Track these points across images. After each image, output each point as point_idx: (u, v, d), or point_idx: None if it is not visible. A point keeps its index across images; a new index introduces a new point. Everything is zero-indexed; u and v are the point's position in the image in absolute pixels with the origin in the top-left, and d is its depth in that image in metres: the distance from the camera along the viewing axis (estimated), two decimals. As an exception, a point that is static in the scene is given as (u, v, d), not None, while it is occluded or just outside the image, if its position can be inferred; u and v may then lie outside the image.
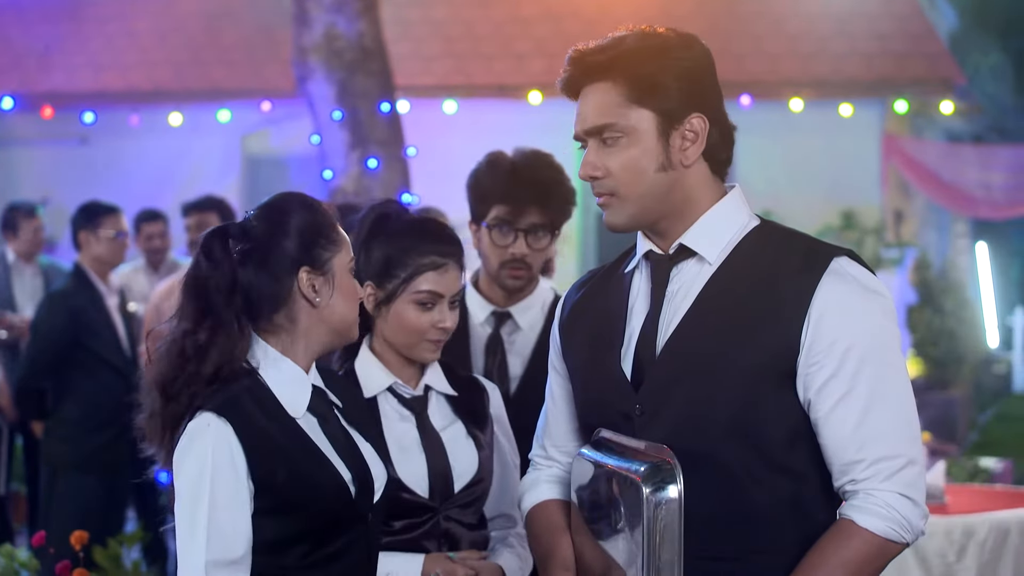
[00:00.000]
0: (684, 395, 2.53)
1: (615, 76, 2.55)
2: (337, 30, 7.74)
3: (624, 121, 2.54)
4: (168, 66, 13.18)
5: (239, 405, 2.69)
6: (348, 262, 2.82)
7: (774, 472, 2.51)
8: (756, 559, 2.51)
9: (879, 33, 12.62)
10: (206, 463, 2.64)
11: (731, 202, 2.63)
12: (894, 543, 2.45)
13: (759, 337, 2.48)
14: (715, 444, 2.50)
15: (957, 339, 13.54)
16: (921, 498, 2.46)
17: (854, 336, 2.45)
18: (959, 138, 15.80)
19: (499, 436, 3.39)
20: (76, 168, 13.07)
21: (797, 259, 2.53)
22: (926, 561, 5.19)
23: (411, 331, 3.21)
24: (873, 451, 2.45)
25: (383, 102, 7.82)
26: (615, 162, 2.56)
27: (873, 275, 2.55)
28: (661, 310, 2.60)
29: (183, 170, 12.75)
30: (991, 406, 15.44)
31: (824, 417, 2.47)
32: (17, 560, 4.92)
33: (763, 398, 2.49)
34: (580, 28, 12.17)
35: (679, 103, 2.53)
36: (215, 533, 2.62)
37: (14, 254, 8.17)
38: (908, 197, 13.81)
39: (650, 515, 2.42)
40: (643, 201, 2.57)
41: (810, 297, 2.47)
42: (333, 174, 7.75)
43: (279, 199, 2.83)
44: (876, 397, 2.45)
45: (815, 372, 2.46)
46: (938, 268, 14.44)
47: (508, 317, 3.90)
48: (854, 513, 2.46)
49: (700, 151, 2.56)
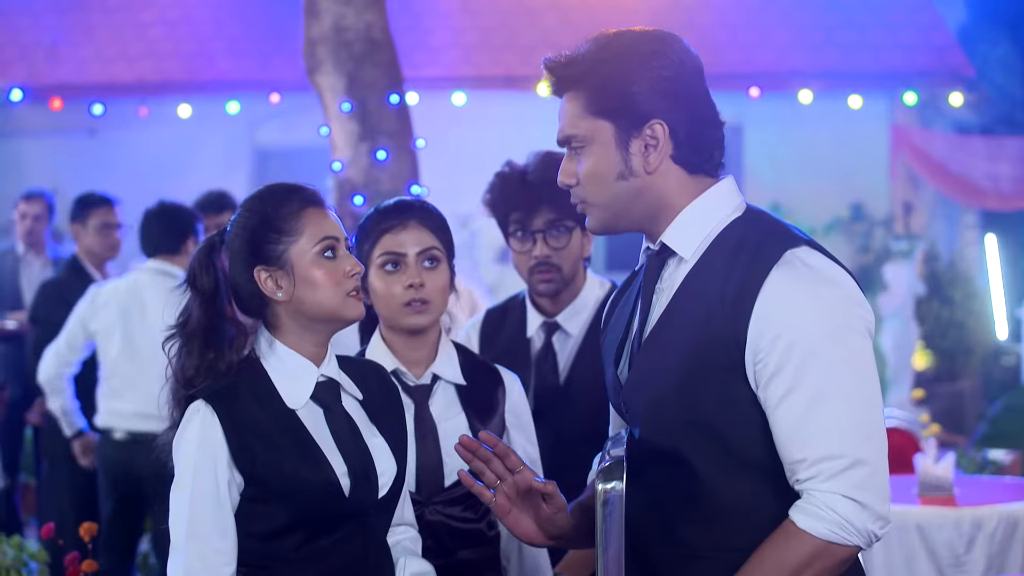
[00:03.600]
0: (651, 392, 2.55)
1: (576, 88, 2.58)
2: (346, 22, 7.73)
3: (584, 132, 2.57)
4: (177, 58, 13.17)
5: (231, 394, 2.74)
6: (312, 247, 2.79)
7: (740, 468, 2.49)
8: (728, 555, 2.49)
9: (888, 24, 12.59)
10: (191, 450, 2.71)
11: (711, 197, 2.60)
12: (838, 545, 2.39)
13: (711, 331, 2.47)
14: (679, 440, 2.50)
15: (966, 331, 13.52)
16: (870, 499, 2.38)
17: (799, 330, 2.41)
18: (968, 130, 15.75)
19: (512, 431, 3.37)
20: (85, 160, 13.08)
21: (752, 251, 2.50)
22: (935, 553, 5.20)
23: (386, 298, 3.23)
24: (815, 450, 2.39)
25: (392, 94, 7.80)
26: (582, 171, 2.59)
27: (837, 265, 2.50)
28: (650, 308, 2.61)
29: (192, 162, 12.76)
30: (1000, 398, 15.42)
31: (771, 413, 2.44)
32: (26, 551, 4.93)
33: (723, 394, 2.47)
34: (588, 19, 12.15)
35: (637, 113, 2.53)
36: (196, 524, 2.69)
37: (24, 246, 8.16)
38: (917, 189, 13.79)
39: (600, 509, 2.44)
40: (611, 208, 2.59)
41: (757, 289, 2.44)
42: (342, 166, 7.74)
43: (246, 199, 2.89)
44: (821, 394, 2.40)
45: (761, 368, 2.43)
46: (947, 260, 14.41)
47: (557, 327, 3.88)
48: (795, 513, 2.42)
49: (664, 156, 2.55)
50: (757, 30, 12.59)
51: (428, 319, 3.24)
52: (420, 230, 3.24)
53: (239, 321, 2.82)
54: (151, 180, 11.59)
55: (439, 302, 3.25)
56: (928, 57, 12.34)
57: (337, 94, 7.76)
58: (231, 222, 2.87)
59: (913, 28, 12.59)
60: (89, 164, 12.91)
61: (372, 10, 7.82)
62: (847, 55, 12.38)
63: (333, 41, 7.77)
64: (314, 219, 2.81)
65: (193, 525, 2.69)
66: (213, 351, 2.77)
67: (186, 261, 6.11)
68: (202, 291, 2.80)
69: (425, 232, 3.25)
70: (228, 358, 2.78)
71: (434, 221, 3.29)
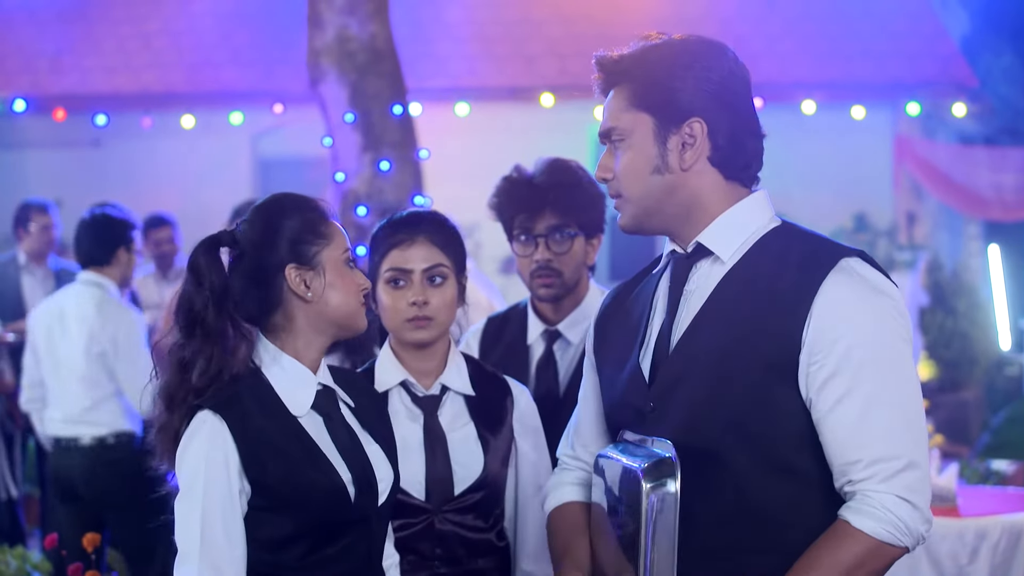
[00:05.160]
0: (690, 392, 2.56)
1: (623, 81, 2.63)
2: (349, 32, 7.74)
3: (624, 124, 2.61)
4: (180, 68, 13.19)
5: (237, 403, 2.74)
6: (340, 254, 2.83)
7: (779, 472, 2.51)
8: (761, 559, 2.51)
9: (891, 35, 12.60)
10: (201, 460, 2.70)
11: (751, 204, 2.64)
12: (890, 546, 2.45)
13: (762, 334, 2.49)
14: (719, 442, 2.51)
15: (969, 341, 13.50)
16: (922, 502, 2.45)
17: (856, 335, 2.45)
18: (971, 140, 15.75)
19: (520, 441, 3.37)
20: (88, 171, 13.09)
21: (805, 258, 2.53)
22: (938, 564, 5.18)
23: (391, 312, 3.25)
24: (871, 452, 2.44)
25: (395, 104, 7.81)
26: (619, 164, 2.63)
27: (886, 277, 2.54)
28: (678, 309, 2.63)
29: (195, 172, 12.78)
30: (1003, 408, 15.39)
31: (824, 416, 2.47)
32: (29, 562, 4.93)
33: (766, 397, 2.49)
34: (592, 30, 12.16)
35: (678, 108, 2.57)
36: (208, 534, 2.68)
37: (25, 255, 8.16)
38: (920, 199, 13.78)
39: (648, 509, 2.45)
40: (643, 203, 2.62)
41: (813, 294, 2.47)
42: (345, 176, 7.74)
43: (268, 201, 2.89)
44: (877, 397, 2.45)
45: (816, 371, 2.46)
46: (950, 270, 14.40)
47: (558, 335, 3.89)
48: (849, 514, 2.45)
49: (701, 156, 2.59)
50: (761, 41, 12.60)
51: (430, 335, 3.26)
52: (428, 246, 3.26)
53: (243, 326, 2.80)
54: (155, 191, 11.61)
55: (443, 319, 3.26)
56: (931, 68, 12.35)
57: (340, 105, 7.77)
58: (244, 222, 2.85)
59: (916, 39, 12.60)
60: (92, 175, 12.92)
61: (376, 21, 7.83)
62: (850, 66, 12.39)
63: (336, 52, 7.78)
64: (337, 229, 2.86)
65: (206, 535, 2.68)
66: (226, 356, 2.76)
67: (116, 272, 6.10)
68: (213, 290, 2.77)
69: (433, 249, 3.26)
70: (232, 366, 2.76)
71: (443, 236, 3.30)
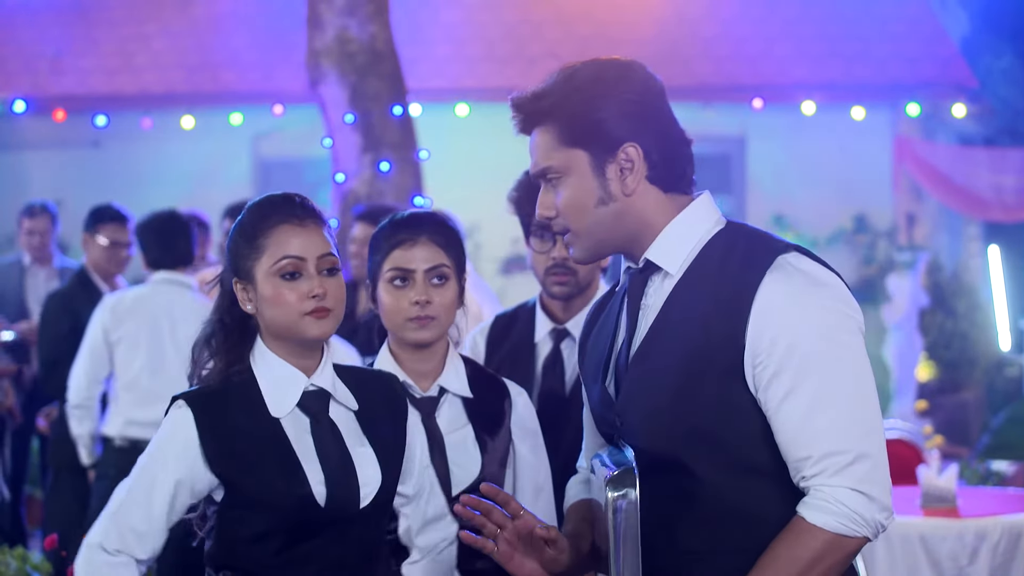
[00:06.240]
0: (647, 403, 2.60)
1: (547, 121, 2.64)
2: (349, 33, 7.76)
3: (558, 163, 2.63)
4: (180, 69, 13.18)
5: (216, 399, 2.81)
6: (271, 266, 2.81)
7: (745, 472, 2.54)
8: (744, 557, 2.53)
9: (891, 36, 12.60)
10: (155, 442, 2.81)
11: (693, 211, 2.66)
12: (847, 538, 2.46)
13: (710, 341, 2.52)
14: (683, 450, 2.55)
15: (969, 342, 13.50)
16: (876, 491, 2.46)
17: (796, 332, 2.47)
18: (971, 141, 15.75)
19: (517, 444, 3.37)
20: (88, 172, 13.08)
21: (743, 259, 2.56)
22: (938, 564, 5.19)
23: (392, 312, 3.26)
24: (820, 447, 2.46)
25: (395, 105, 7.83)
26: (560, 202, 2.64)
27: (826, 268, 2.56)
28: (637, 324, 2.66)
29: (195, 173, 12.77)
30: (1003, 409, 15.39)
31: (773, 415, 2.50)
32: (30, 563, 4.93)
33: (721, 401, 2.52)
34: (591, 31, 12.17)
35: (609, 138, 2.59)
36: (127, 505, 2.79)
37: (29, 257, 8.16)
38: (920, 200, 13.78)
39: (615, 515, 2.49)
40: (594, 235, 2.64)
41: (752, 296, 2.50)
42: (345, 177, 7.76)
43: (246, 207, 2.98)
44: (822, 391, 2.46)
45: (760, 371, 2.49)
46: (950, 271, 14.40)
47: (566, 334, 3.88)
48: (804, 509, 2.48)
49: (640, 177, 2.61)
50: (760, 42, 12.61)
51: (432, 335, 3.27)
52: (430, 247, 3.26)
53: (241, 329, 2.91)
54: (155, 191, 11.60)
55: (445, 318, 3.28)
56: (931, 68, 12.36)
57: (340, 106, 7.78)
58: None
59: (916, 40, 12.60)
60: (92, 176, 12.91)
61: (375, 22, 7.85)
62: (850, 66, 12.39)
63: (336, 53, 7.80)
64: (282, 237, 2.82)
65: (124, 504, 2.79)
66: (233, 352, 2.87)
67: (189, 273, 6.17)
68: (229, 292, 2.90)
69: (435, 249, 3.27)
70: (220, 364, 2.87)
71: (445, 236, 3.30)
